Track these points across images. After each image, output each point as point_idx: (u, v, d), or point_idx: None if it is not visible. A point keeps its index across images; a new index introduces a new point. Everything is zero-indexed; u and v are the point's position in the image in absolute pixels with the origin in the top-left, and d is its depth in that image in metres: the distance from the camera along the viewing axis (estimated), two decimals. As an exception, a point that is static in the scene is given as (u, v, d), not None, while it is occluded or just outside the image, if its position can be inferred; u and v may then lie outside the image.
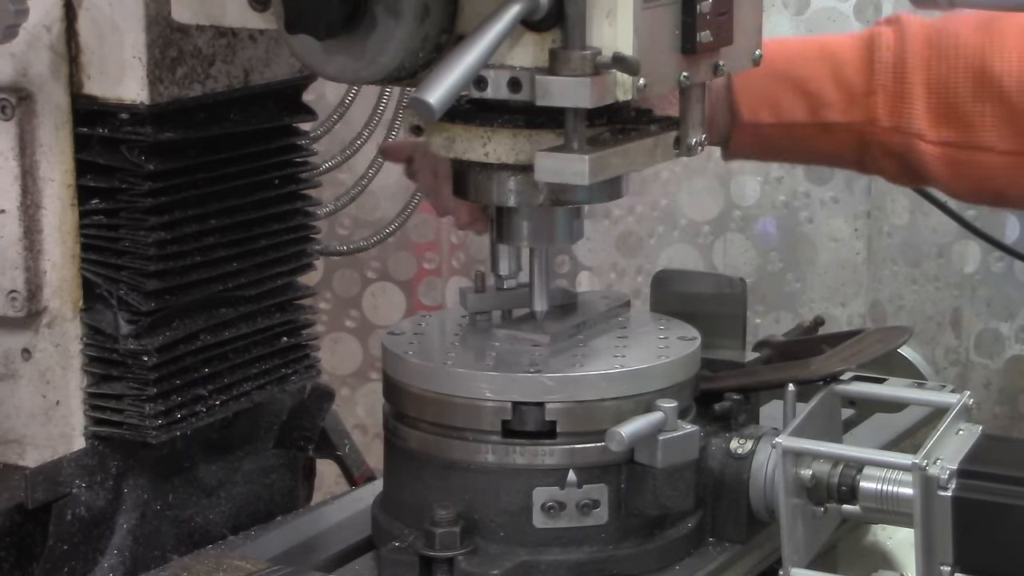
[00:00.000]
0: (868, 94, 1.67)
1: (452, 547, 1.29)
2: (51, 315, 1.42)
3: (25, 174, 1.39)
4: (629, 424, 1.29)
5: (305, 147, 1.57)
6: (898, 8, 2.46)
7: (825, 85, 1.67)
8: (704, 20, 1.28)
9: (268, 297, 1.54)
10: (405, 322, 1.46)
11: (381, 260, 2.77)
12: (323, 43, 1.25)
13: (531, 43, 1.24)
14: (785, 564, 1.32)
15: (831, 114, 1.67)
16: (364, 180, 2.02)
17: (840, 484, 1.34)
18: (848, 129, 1.67)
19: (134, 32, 1.38)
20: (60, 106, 1.39)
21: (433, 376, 1.35)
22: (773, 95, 1.66)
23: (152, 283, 1.41)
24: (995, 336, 2.48)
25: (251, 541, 1.45)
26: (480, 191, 1.35)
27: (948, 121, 1.66)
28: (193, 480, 1.53)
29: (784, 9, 2.50)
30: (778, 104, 1.66)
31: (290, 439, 1.65)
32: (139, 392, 1.42)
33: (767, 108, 1.67)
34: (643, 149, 1.31)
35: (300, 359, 1.58)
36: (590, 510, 1.32)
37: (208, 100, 1.44)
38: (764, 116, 1.67)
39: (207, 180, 1.45)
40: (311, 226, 1.58)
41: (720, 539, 1.40)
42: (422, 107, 1.17)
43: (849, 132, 1.68)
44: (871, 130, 1.68)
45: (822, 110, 1.67)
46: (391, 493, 1.41)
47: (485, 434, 1.32)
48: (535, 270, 1.41)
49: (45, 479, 1.42)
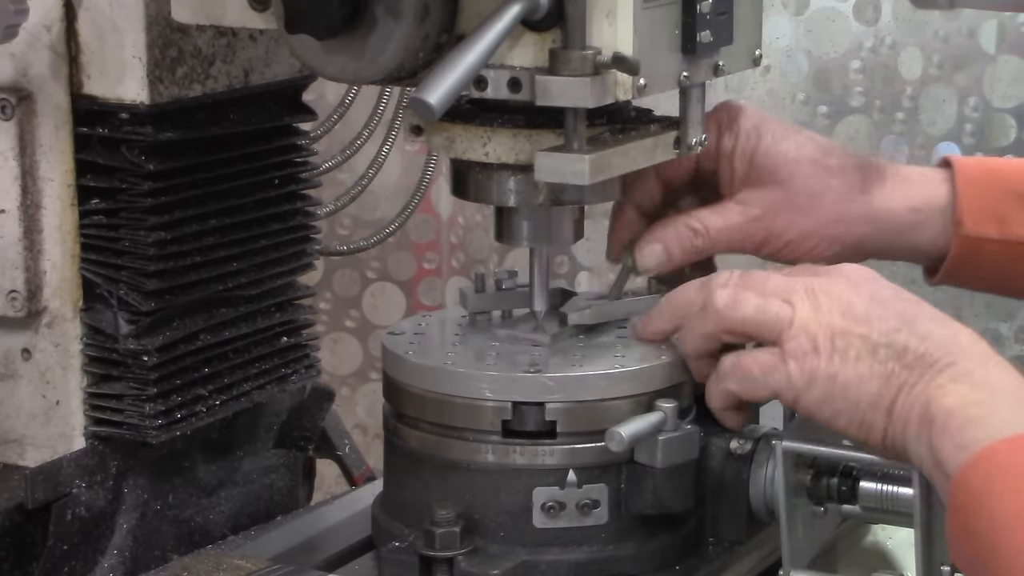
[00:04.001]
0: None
1: (452, 547, 1.29)
2: (51, 315, 1.42)
3: (25, 174, 1.39)
4: (629, 424, 1.29)
5: (305, 147, 1.57)
6: (897, 9, 2.46)
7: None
8: (704, 20, 1.28)
9: (268, 297, 1.54)
10: (405, 322, 1.46)
11: (381, 260, 2.78)
12: (323, 43, 1.25)
13: (531, 43, 1.24)
14: (785, 564, 1.31)
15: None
16: (364, 180, 2.02)
17: (840, 484, 1.34)
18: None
19: (134, 32, 1.38)
20: (60, 106, 1.39)
21: (433, 376, 1.35)
22: (999, 209, 1.53)
23: (152, 283, 1.41)
24: (995, 336, 2.48)
25: (251, 541, 1.45)
26: (480, 191, 1.35)
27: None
28: (193, 480, 1.53)
29: (784, 9, 2.51)
30: (1004, 219, 1.53)
31: (290, 439, 1.65)
32: (139, 392, 1.42)
33: (993, 223, 1.53)
34: (643, 149, 1.31)
35: (300, 359, 1.58)
36: (590, 510, 1.32)
37: (208, 100, 1.44)
38: (989, 231, 1.53)
39: (207, 180, 1.45)
40: (311, 226, 1.58)
41: (720, 539, 1.40)
42: (422, 107, 1.17)
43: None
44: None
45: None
46: (391, 493, 1.41)
47: (485, 434, 1.32)
48: (535, 270, 1.41)
49: (45, 479, 1.42)
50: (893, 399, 1.22)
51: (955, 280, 1.57)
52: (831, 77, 2.52)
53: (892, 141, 2.50)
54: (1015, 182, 1.54)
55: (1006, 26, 2.42)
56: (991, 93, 2.44)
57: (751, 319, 1.28)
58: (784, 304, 1.27)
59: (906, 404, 1.21)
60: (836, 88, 2.52)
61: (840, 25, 2.50)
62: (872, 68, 2.49)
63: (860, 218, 1.49)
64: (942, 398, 1.19)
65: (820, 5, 2.50)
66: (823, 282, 1.28)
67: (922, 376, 1.21)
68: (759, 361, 1.28)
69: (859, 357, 1.24)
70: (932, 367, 1.21)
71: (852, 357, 1.24)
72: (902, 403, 1.21)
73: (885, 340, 1.23)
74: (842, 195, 1.48)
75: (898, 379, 1.22)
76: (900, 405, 1.22)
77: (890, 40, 2.48)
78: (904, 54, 2.48)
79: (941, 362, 1.21)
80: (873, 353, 1.23)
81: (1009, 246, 1.53)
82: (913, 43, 2.47)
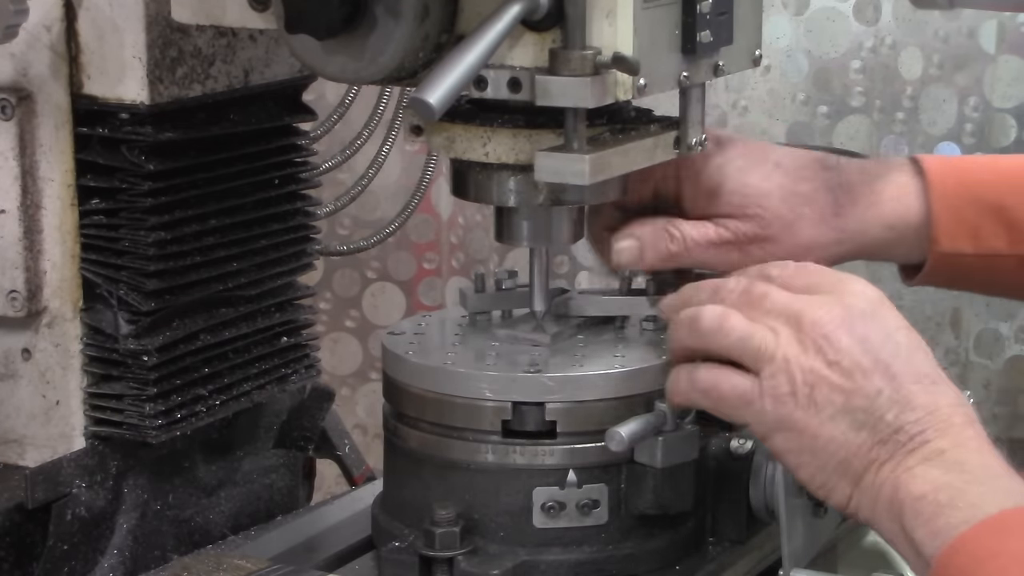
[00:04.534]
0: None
1: (452, 547, 1.29)
2: (51, 315, 1.42)
3: (25, 174, 1.39)
4: (629, 424, 1.29)
5: (305, 147, 1.57)
6: (897, 9, 2.46)
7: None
8: (704, 20, 1.28)
9: (268, 297, 1.54)
10: (405, 322, 1.46)
11: (381, 260, 2.78)
12: (323, 43, 1.25)
13: (531, 43, 1.24)
14: (785, 564, 1.31)
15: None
16: (364, 180, 2.02)
17: (840, 484, 1.34)
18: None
19: (134, 32, 1.38)
20: (60, 106, 1.39)
21: (433, 376, 1.35)
22: (974, 223, 1.52)
23: (152, 283, 1.41)
24: (995, 336, 2.49)
25: (251, 541, 1.45)
26: (480, 191, 1.35)
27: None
28: (193, 480, 1.53)
29: (784, 9, 2.51)
30: (978, 233, 1.52)
31: (290, 439, 1.65)
32: (139, 392, 1.42)
33: (967, 238, 1.52)
34: (643, 149, 1.31)
35: (300, 359, 1.58)
36: (590, 510, 1.32)
37: (208, 100, 1.44)
38: (964, 246, 1.52)
39: (207, 180, 1.45)
40: (311, 226, 1.58)
41: (720, 539, 1.40)
42: (422, 107, 1.17)
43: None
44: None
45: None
46: (391, 493, 1.41)
47: (485, 434, 1.32)
48: (535, 270, 1.41)
49: (45, 479, 1.42)
50: (862, 473, 1.21)
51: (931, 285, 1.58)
52: (831, 77, 2.52)
53: (892, 141, 2.50)
54: (989, 192, 1.53)
55: (1006, 26, 2.42)
56: (991, 93, 2.44)
57: (734, 347, 1.26)
58: (769, 334, 1.24)
59: (875, 482, 1.21)
60: (836, 88, 2.52)
61: (840, 25, 2.50)
62: (872, 68, 2.49)
63: (834, 243, 1.49)
64: (911, 483, 1.18)
65: (820, 5, 2.50)
66: (819, 315, 1.24)
67: (892, 455, 1.20)
68: (736, 388, 1.25)
69: (834, 417, 1.22)
70: (904, 446, 1.20)
71: (828, 415, 1.22)
72: (870, 480, 1.21)
73: (864, 404, 1.21)
74: (815, 222, 1.48)
75: (870, 454, 1.21)
76: (868, 481, 1.21)
77: (890, 40, 2.48)
78: (904, 54, 2.48)
79: (915, 440, 1.20)
80: (850, 415, 1.21)
81: (984, 259, 1.53)
82: (913, 43, 2.47)
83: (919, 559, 1.17)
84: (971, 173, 1.55)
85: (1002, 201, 1.52)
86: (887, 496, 1.19)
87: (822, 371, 1.22)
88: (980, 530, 1.14)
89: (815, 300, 1.25)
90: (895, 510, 1.19)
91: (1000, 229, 1.52)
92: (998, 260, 1.53)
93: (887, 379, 1.22)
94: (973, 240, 1.52)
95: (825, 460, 1.22)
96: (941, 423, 1.20)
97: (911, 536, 1.18)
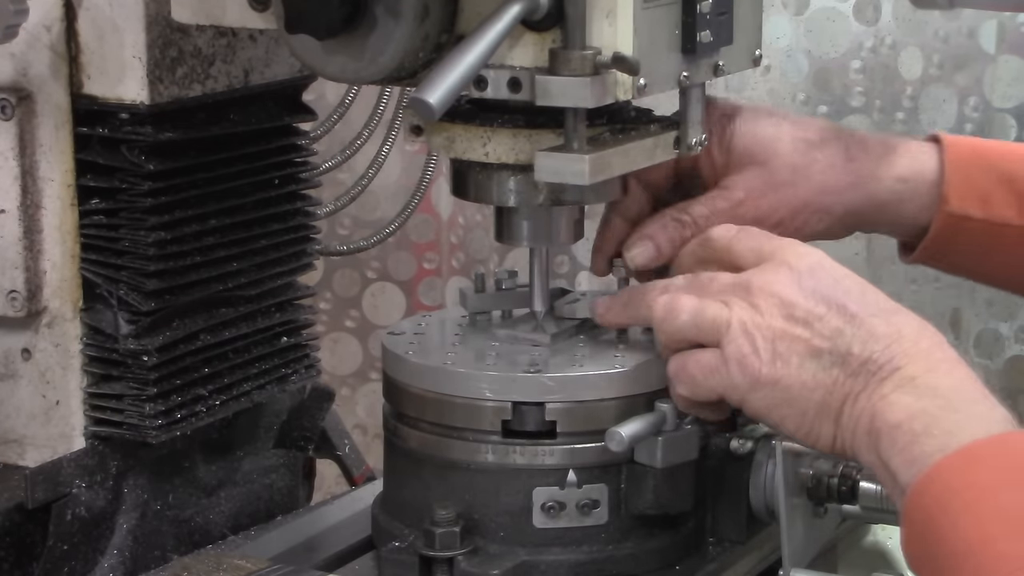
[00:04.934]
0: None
1: (452, 547, 1.29)
2: (51, 315, 1.42)
3: (25, 174, 1.39)
4: (629, 424, 1.29)
5: (305, 147, 1.57)
6: (897, 9, 2.46)
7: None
8: (704, 20, 1.28)
9: (268, 297, 1.54)
10: (405, 322, 1.46)
11: (381, 260, 2.78)
12: (323, 43, 1.25)
13: (531, 43, 1.24)
14: (785, 564, 1.31)
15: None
16: (364, 180, 2.02)
17: (840, 484, 1.34)
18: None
19: (134, 32, 1.38)
20: (60, 106, 1.39)
21: (433, 376, 1.35)
22: (985, 188, 1.52)
23: (152, 283, 1.41)
24: (995, 336, 2.48)
25: (251, 541, 1.45)
26: (480, 191, 1.35)
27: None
28: (193, 480, 1.53)
29: (784, 9, 2.51)
30: (988, 199, 1.52)
31: (290, 439, 1.65)
32: (139, 392, 1.42)
33: (977, 201, 1.52)
34: (643, 149, 1.31)
35: (300, 359, 1.58)
36: (590, 510, 1.32)
37: (208, 100, 1.44)
38: (973, 209, 1.52)
39: (207, 180, 1.45)
40: (311, 226, 1.58)
41: (720, 539, 1.40)
42: (422, 107, 1.17)
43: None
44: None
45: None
46: (391, 493, 1.41)
47: (485, 434, 1.32)
48: (535, 270, 1.41)
49: (45, 479, 1.42)
50: (839, 409, 1.22)
51: (931, 259, 1.56)
52: (831, 77, 2.52)
53: (892, 141, 2.50)
54: (1002, 163, 1.54)
55: (1006, 26, 2.42)
56: (991, 93, 2.44)
57: (688, 326, 1.28)
58: (721, 306, 1.26)
59: (852, 415, 1.22)
60: (836, 88, 2.52)
61: (840, 25, 2.49)
62: (872, 68, 2.49)
63: (848, 187, 1.48)
64: (886, 411, 1.19)
65: (820, 5, 2.50)
66: (766, 278, 1.26)
67: (866, 385, 1.21)
68: (701, 363, 1.27)
69: (802, 364, 1.23)
70: (876, 375, 1.21)
71: (795, 364, 1.23)
72: (848, 413, 1.22)
73: (828, 345, 1.23)
74: (827, 166, 1.47)
75: (843, 389, 1.22)
76: (847, 415, 1.22)
77: (890, 40, 2.48)
78: (904, 54, 2.48)
79: (885, 368, 1.21)
80: (816, 358, 1.23)
81: (990, 226, 1.52)
82: (913, 43, 2.47)
83: (895, 487, 1.19)
84: (986, 146, 1.55)
85: (1015, 173, 1.53)
86: (864, 426, 1.20)
87: (780, 326, 1.24)
88: (954, 460, 1.15)
89: (760, 267, 1.27)
90: (872, 440, 1.20)
91: (1012, 198, 1.52)
92: (1006, 230, 1.52)
93: (845, 318, 1.23)
94: (983, 204, 1.51)
95: (804, 407, 1.24)
96: (909, 348, 1.21)
97: (887, 464, 1.19)
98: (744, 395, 1.25)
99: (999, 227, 1.52)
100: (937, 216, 1.51)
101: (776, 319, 1.24)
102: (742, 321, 1.25)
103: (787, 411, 1.24)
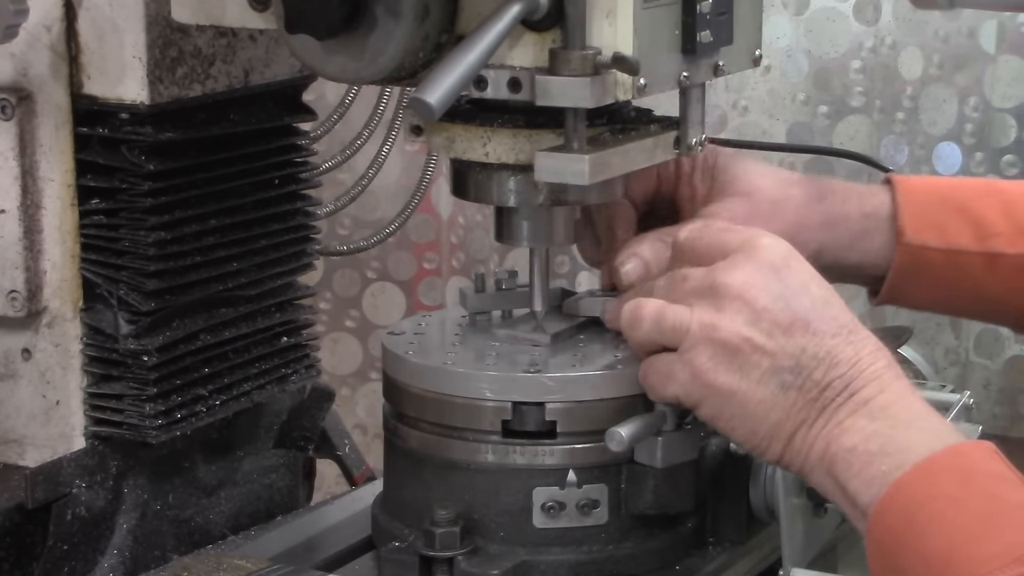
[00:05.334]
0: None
1: (452, 547, 1.29)
2: (51, 315, 1.42)
3: (25, 174, 1.39)
4: (629, 424, 1.29)
5: (305, 147, 1.57)
6: (897, 9, 2.46)
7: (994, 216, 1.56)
8: (704, 20, 1.28)
9: (268, 297, 1.54)
10: (405, 322, 1.46)
11: (381, 260, 2.78)
12: (323, 43, 1.25)
13: (531, 43, 1.24)
14: (785, 564, 1.32)
15: (999, 244, 1.55)
16: (364, 180, 2.02)
17: (840, 484, 1.34)
18: (1017, 265, 1.55)
19: (134, 32, 1.38)
20: (60, 106, 1.39)
21: (433, 376, 1.35)
22: (939, 219, 1.55)
23: (152, 283, 1.41)
24: (995, 336, 2.48)
25: (251, 541, 1.45)
26: (480, 191, 1.35)
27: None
28: (193, 480, 1.53)
29: (784, 9, 2.51)
30: (944, 229, 1.55)
31: (290, 439, 1.65)
32: (139, 392, 1.42)
33: (933, 231, 1.55)
34: (643, 149, 1.31)
35: (300, 359, 1.58)
36: (590, 510, 1.32)
37: (208, 100, 1.44)
38: (930, 239, 1.55)
39: (207, 180, 1.45)
40: (311, 226, 1.58)
41: (720, 539, 1.40)
42: (422, 107, 1.17)
43: (1018, 269, 1.56)
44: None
45: (990, 240, 1.55)
46: (391, 493, 1.41)
47: (485, 434, 1.32)
48: (535, 270, 1.41)
49: (45, 479, 1.42)
50: (792, 433, 1.24)
51: (898, 294, 1.58)
52: (831, 77, 2.52)
53: (892, 141, 2.50)
54: (954, 194, 1.57)
55: (1006, 26, 2.42)
56: (991, 93, 2.44)
57: (651, 333, 1.29)
58: (683, 310, 1.27)
59: (807, 440, 1.23)
60: (836, 88, 2.52)
61: (840, 25, 2.49)
62: (872, 68, 2.49)
63: (819, 224, 1.52)
64: (841, 436, 1.21)
65: (820, 5, 2.50)
66: (733, 277, 1.26)
67: (821, 412, 1.23)
68: (656, 369, 1.29)
69: (762, 380, 1.24)
70: (833, 402, 1.22)
71: (755, 378, 1.24)
72: (802, 438, 1.23)
73: (790, 364, 1.24)
74: (802, 202, 1.51)
75: (800, 414, 1.23)
76: (799, 439, 1.24)
77: (890, 40, 2.48)
78: (904, 54, 2.48)
79: (842, 395, 1.22)
80: (777, 376, 1.24)
81: (949, 255, 1.55)
82: (913, 43, 2.47)
83: (855, 509, 1.20)
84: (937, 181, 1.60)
85: (967, 203, 1.56)
86: (819, 452, 1.22)
87: (743, 332, 1.24)
88: (913, 475, 1.16)
89: (726, 263, 1.28)
90: (826, 464, 1.22)
91: (965, 227, 1.55)
92: (964, 257, 1.55)
93: (808, 335, 1.24)
94: (939, 234, 1.55)
95: (757, 423, 1.25)
96: (865, 371, 1.23)
97: (845, 487, 1.20)
98: (696, 401, 1.27)
99: (957, 254, 1.55)
100: (897, 249, 1.54)
101: (739, 325, 1.25)
102: (703, 325, 1.25)
103: (739, 423, 1.26)
